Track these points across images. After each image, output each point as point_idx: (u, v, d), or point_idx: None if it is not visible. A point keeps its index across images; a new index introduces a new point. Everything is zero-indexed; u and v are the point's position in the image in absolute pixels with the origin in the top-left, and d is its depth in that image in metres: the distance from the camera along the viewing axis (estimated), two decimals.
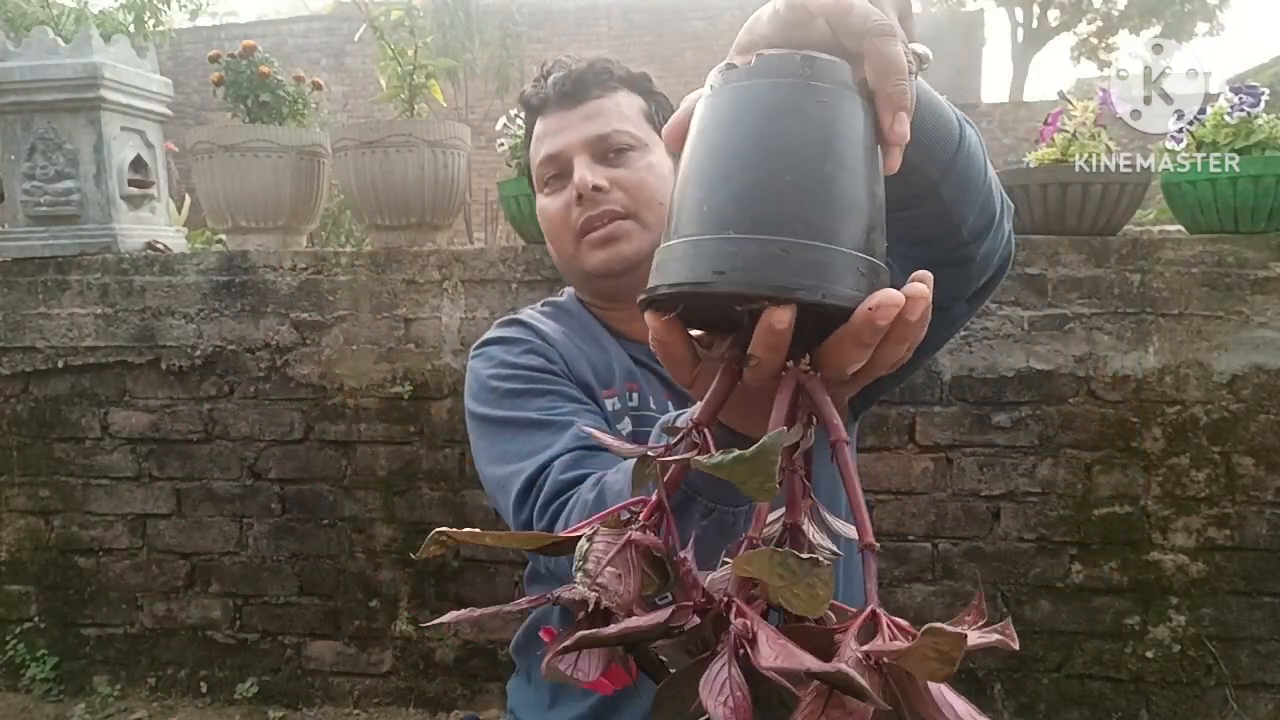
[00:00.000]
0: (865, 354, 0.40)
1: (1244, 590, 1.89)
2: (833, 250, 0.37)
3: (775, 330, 0.37)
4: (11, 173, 2.25)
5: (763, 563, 0.34)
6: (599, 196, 0.85)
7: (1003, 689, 1.98)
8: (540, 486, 0.73)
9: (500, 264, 2.09)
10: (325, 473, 2.19)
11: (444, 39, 5.25)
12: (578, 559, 0.38)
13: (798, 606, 0.34)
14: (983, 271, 0.69)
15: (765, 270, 0.37)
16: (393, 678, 2.21)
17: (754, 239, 0.37)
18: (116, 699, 2.27)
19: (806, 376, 0.40)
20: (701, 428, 0.42)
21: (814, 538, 0.40)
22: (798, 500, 0.40)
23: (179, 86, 3.02)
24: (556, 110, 0.89)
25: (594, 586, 0.37)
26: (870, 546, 0.37)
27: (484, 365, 0.89)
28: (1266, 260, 1.85)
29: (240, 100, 2.33)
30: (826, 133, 0.39)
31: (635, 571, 0.38)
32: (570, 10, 9.27)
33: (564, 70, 0.89)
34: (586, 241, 0.87)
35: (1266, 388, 1.86)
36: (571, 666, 0.36)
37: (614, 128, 0.87)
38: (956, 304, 0.73)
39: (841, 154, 0.39)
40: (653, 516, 0.41)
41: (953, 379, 1.95)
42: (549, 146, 0.89)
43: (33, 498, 2.29)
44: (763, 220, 0.37)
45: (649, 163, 0.89)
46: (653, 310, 0.41)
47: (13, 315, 2.25)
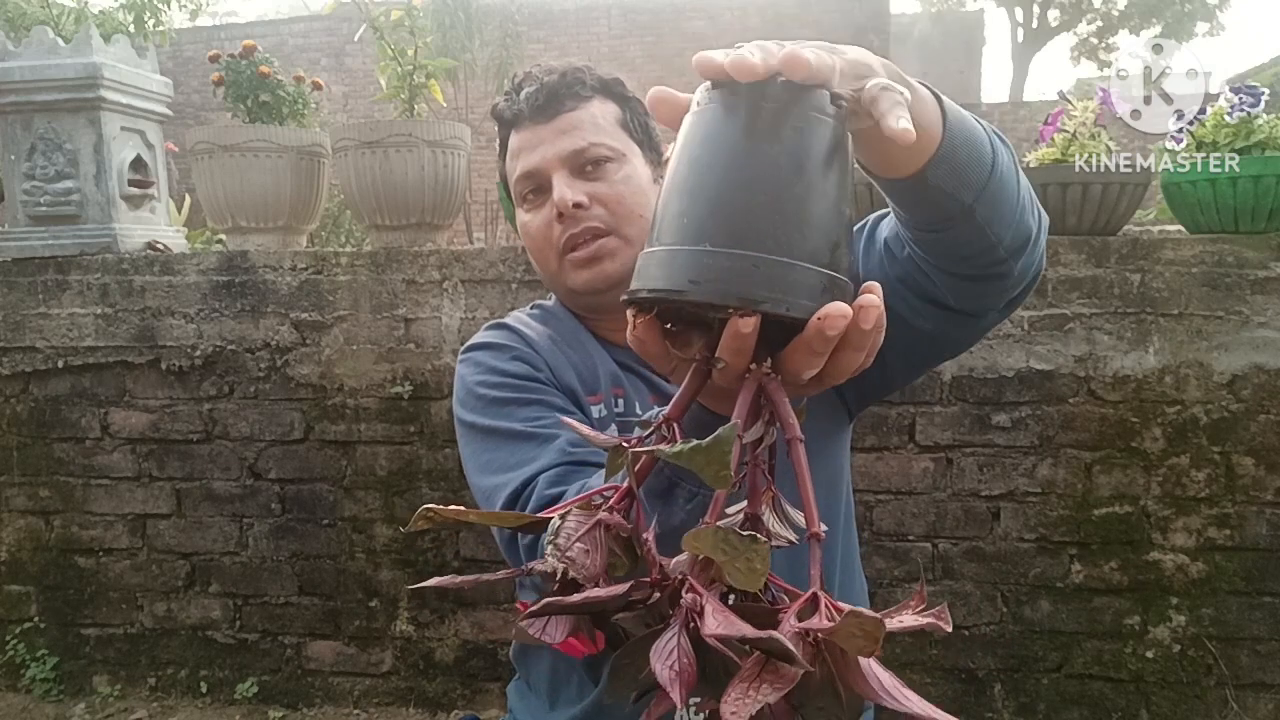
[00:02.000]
0: (819, 361, 0.43)
1: (1244, 590, 1.89)
2: (798, 266, 0.41)
3: (740, 336, 0.41)
4: (11, 173, 2.25)
5: (707, 539, 0.38)
6: (579, 214, 0.85)
7: (1003, 689, 1.98)
8: (525, 501, 0.75)
9: (500, 264, 2.09)
10: (325, 473, 2.19)
11: (444, 39, 5.25)
12: (549, 534, 0.43)
13: (739, 580, 0.38)
14: (1018, 284, 0.71)
15: (734, 283, 0.40)
16: (393, 678, 2.21)
17: (726, 253, 0.40)
18: (116, 699, 2.27)
19: (767, 379, 0.44)
20: (672, 423, 0.46)
21: (773, 527, 0.43)
22: (759, 492, 0.43)
23: (179, 86, 3.02)
24: (530, 124, 0.87)
25: (563, 559, 0.41)
26: (816, 535, 0.40)
27: (471, 371, 0.89)
28: (1266, 260, 1.85)
29: (240, 100, 2.33)
30: (799, 156, 0.42)
31: (602, 548, 0.42)
32: (570, 10, 9.27)
33: (535, 84, 0.87)
34: (570, 260, 0.87)
35: (1266, 388, 1.86)
36: (540, 630, 0.41)
37: (590, 141, 0.86)
38: (990, 313, 0.75)
39: (813, 176, 0.42)
40: (623, 502, 0.45)
41: (953, 379, 1.96)
42: (525, 163, 0.87)
43: (33, 498, 2.29)
44: (736, 235, 0.41)
45: (626, 174, 0.88)
46: (633, 309, 0.45)
47: (13, 315, 2.25)
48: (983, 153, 0.59)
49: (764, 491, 0.44)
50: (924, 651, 2.00)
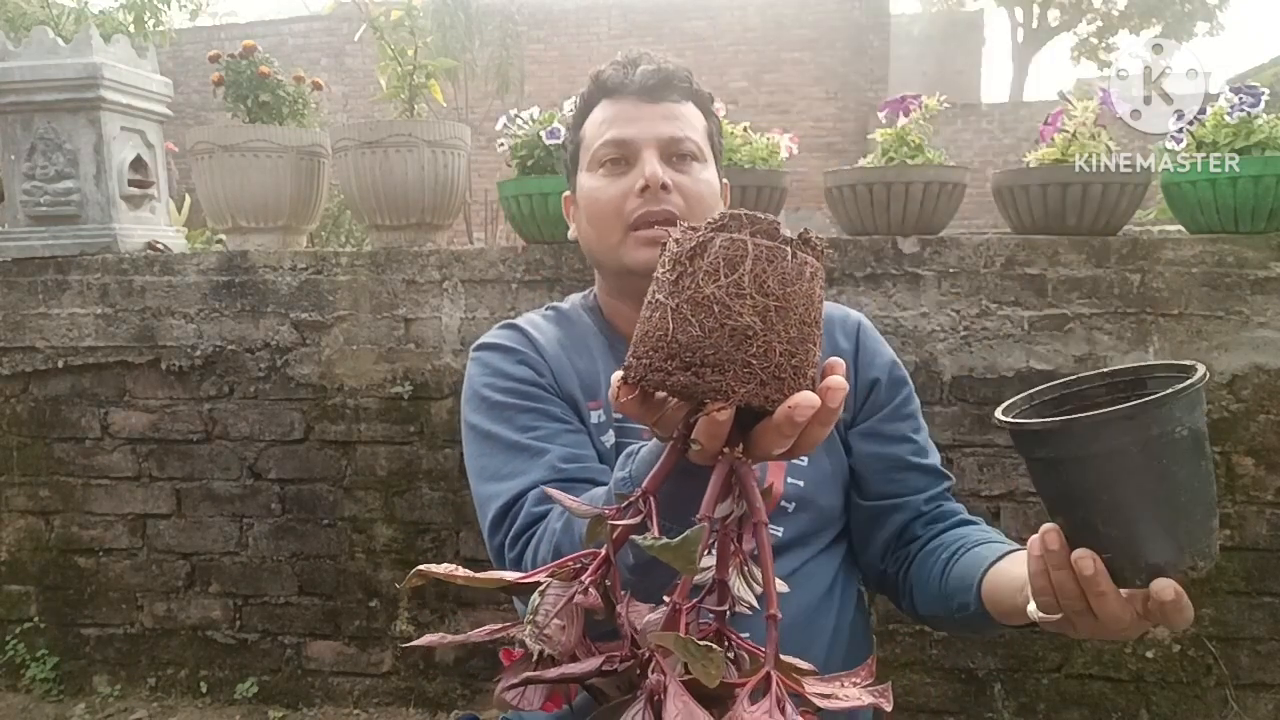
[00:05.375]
0: (787, 442, 0.48)
1: (1244, 590, 1.89)
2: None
3: (716, 423, 0.46)
4: (11, 173, 2.25)
5: (669, 641, 0.43)
6: (664, 195, 0.87)
7: (1003, 689, 1.98)
8: (514, 517, 0.79)
9: (500, 264, 2.09)
10: (325, 473, 2.19)
11: (444, 39, 5.24)
12: (530, 611, 0.47)
13: (699, 676, 0.43)
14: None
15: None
16: (393, 678, 2.21)
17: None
18: (116, 699, 2.27)
19: (738, 463, 0.49)
20: (648, 495, 0.50)
21: (738, 591, 0.48)
22: (727, 559, 0.49)
23: (179, 86, 3.02)
24: (634, 100, 0.89)
25: (540, 638, 0.46)
26: (773, 617, 0.45)
27: (478, 371, 0.92)
28: (1266, 260, 1.85)
29: (240, 100, 2.33)
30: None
31: (578, 621, 0.47)
32: (570, 10, 9.27)
33: (654, 65, 0.90)
34: (636, 236, 0.88)
35: (1266, 388, 1.86)
36: (519, 698, 0.47)
37: (686, 134, 0.89)
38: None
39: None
40: (600, 569, 0.49)
41: (953, 379, 1.96)
42: (620, 131, 0.88)
43: (33, 498, 2.29)
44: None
45: (706, 177, 0.90)
46: (621, 380, 0.50)
47: (13, 315, 2.25)
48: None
49: (733, 555, 0.48)
50: (924, 651, 2.00)
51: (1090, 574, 0.56)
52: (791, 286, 0.46)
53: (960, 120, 8.44)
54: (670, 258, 0.49)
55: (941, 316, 1.95)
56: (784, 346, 0.46)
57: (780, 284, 0.46)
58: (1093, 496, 0.55)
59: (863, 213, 2.02)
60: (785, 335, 0.46)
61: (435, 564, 0.50)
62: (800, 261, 0.47)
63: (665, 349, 0.47)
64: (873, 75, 8.92)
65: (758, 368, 0.46)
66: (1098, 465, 0.53)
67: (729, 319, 0.45)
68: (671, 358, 0.46)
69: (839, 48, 8.97)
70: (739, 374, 0.46)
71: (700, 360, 0.46)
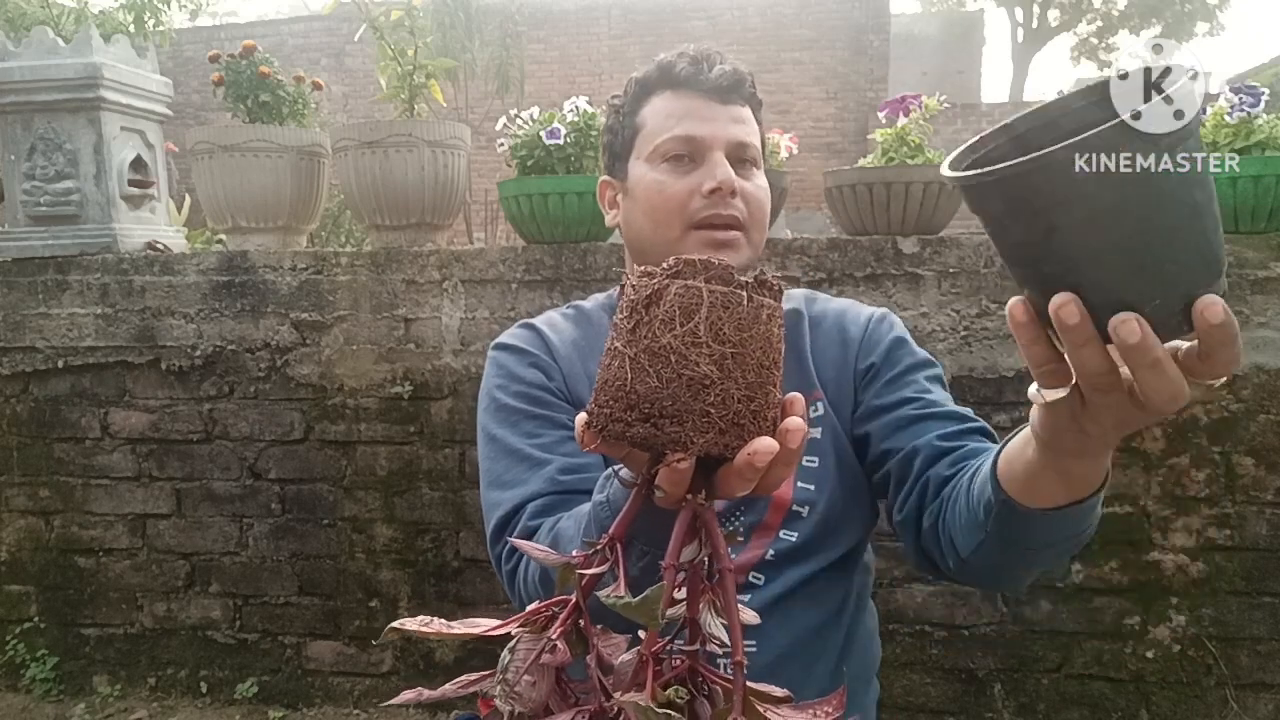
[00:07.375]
0: (749, 485, 0.49)
1: (1244, 590, 1.89)
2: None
3: (679, 471, 0.47)
4: (11, 173, 2.25)
5: (633, 705, 0.45)
6: (732, 200, 0.86)
7: (1003, 689, 1.98)
8: (513, 528, 0.82)
9: (500, 264, 2.09)
10: (325, 473, 2.19)
11: (444, 39, 5.25)
12: (500, 669, 0.49)
13: None
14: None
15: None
16: (393, 678, 2.21)
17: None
18: (116, 699, 2.27)
19: (702, 509, 0.49)
20: (615, 542, 0.51)
21: (709, 629, 0.49)
22: (697, 598, 0.49)
23: (179, 86, 3.03)
24: (703, 97, 0.88)
25: (510, 696, 0.47)
26: (739, 663, 0.46)
27: (493, 371, 0.93)
28: (1266, 260, 1.85)
29: (240, 100, 2.33)
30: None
31: (549, 676, 0.48)
32: (570, 10, 9.26)
33: (729, 66, 0.88)
34: (699, 236, 0.87)
35: (1266, 388, 1.86)
36: None
37: (751, 140, 0.89)
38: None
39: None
40: (570, 617, 0.51)
41: (953, 379, 1.95)
42: (691, 129, 0.87)
43: (33, 498, 2.30)
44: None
45: (764, 185, 0.91)
46: (589, 427, 0.50)
47: (13, 315, 2.25)
48: (1076, 544, 0.69)
49: (703, 593, 0.49)
50: (924, 651, 2.00)
51: (1075, 322, 0.45)
52: (748, 331, 0.46)
53: (960, 120, 8.43)
54: (627, 304, 0.49)
55: (941, 316, 1.95)
56: (742, 393, 0.46)
57: (736, 330, 0.46)
58: (1082, 240, 0.46)
59: (863, 213, 2.03)
60: (743, 381, 0.46)
61: (410, 618, 0.52)
62: (756, 305, 0.47)
63: (624, 399, 0.47)
64: (873, 75, 8.92)
65: (716, 416, 0.46)
66: (1084, 192, 0.45)
67: (685, 369, 0.46)
68: (631, 409, 0.47)
69: (839, 48, 8.97)
70: (697, 424, 0.46)
71: (659, 411, 0.46)
